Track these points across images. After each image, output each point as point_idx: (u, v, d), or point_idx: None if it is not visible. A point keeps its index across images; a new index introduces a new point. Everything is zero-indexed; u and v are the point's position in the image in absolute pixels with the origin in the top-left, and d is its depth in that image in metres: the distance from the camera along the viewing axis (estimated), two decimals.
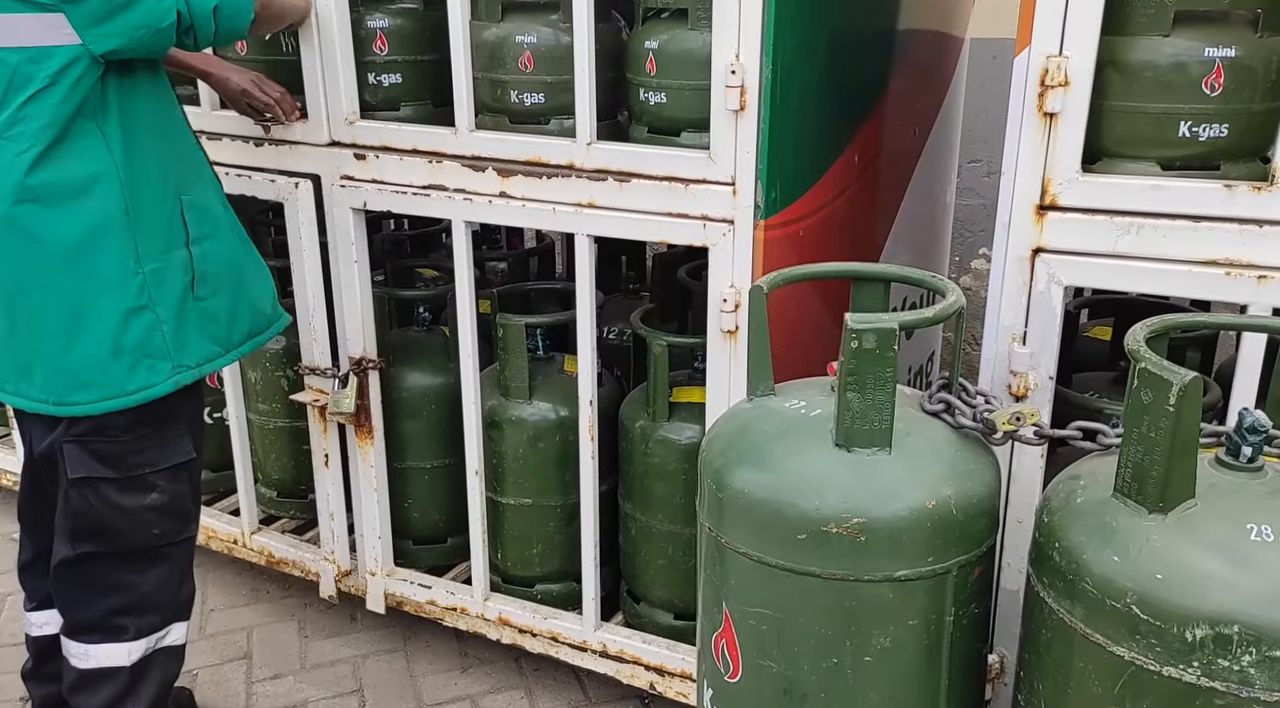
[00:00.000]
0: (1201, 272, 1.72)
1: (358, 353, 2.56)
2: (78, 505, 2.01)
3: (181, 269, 1.97)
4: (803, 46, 2.08)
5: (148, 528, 2.07)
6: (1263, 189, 1.65)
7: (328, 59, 2.38)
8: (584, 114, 2.16)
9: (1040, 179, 1.81)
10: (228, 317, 2.07)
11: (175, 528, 2.11)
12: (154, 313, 1.93)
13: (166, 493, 2.06)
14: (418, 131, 2.38)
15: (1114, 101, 1.77)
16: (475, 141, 2.31)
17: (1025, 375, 1.90)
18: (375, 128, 2.42)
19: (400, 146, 2.40)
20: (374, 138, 2.41)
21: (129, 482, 2.02)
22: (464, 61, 2.26)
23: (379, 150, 2.42)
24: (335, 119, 2.43)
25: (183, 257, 1.98)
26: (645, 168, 2.14)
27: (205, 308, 2.02)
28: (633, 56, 2.26)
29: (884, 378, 1.56)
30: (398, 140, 2.39)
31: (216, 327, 2.05)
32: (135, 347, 1.92)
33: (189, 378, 2.00)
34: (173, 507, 2.09)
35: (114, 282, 1.89)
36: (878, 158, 2.60)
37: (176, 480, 2.08)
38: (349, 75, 2.40)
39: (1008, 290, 1.89)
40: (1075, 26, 1.71)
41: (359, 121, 2.43)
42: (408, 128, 2.40)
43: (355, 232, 2.47)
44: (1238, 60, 1.69)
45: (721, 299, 2.15)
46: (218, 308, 2.04)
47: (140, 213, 1.91)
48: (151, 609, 2.13)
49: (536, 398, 2.57)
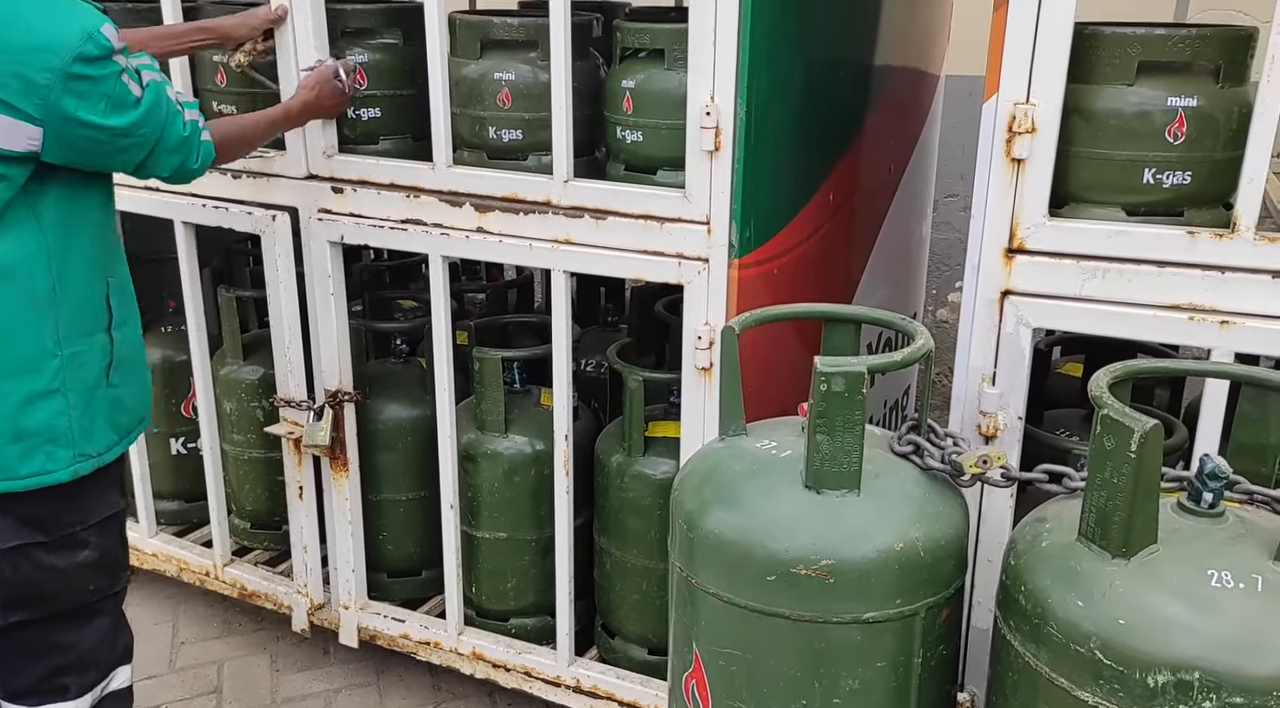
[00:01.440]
0: (1166, 316, 1.75)
1: (333, 385, 2.56)
2: (9, 575, 1.89)
3: (100, 353, 1.90)
4: (777, 88, 2.11)
5: (83, 585, 1.98)
6: (1224, 236, 1.68)
7: None
8: (561, 151, 2.18)
9: (1009, 223, 1.84)
10: (132, 403, 1.99)
11: (108, 581, 2.03)
12: (65, 398, 1.85)
13: (98, 549, 1.97)
14: (395, 166, 2.39)
15: (1080, 148, 1.80)
16: (453, 177, 2.32)
17: (995, 416, 1.92)
18: (353, 162, 2.43)
19: (378, 181, 2.41)
20: (352, 172, 2.42)
21: (60, 542, 1.91)
22: (442, 97, 2.27)
23: (357, 184, 2.43)
24: (313, 152, 2.44)
25: (103, 341, 1.90)
26: (621, 206, 2.16)
27: (115, 395, 1.93)
28: (610, 95, 2.28)
29: (853, 420, 1.58)
30: (375, 174, 2.40)
31: (121, 414, 1.96)
32: (37, 431, 1.82)
33: (87, 468, 1.89)
34: (105, 561, 2.00)
35: (28, 363, 1.81)
36: (853, 195, 2.63)
37: (106, 534, 2.00)
38: None
39: (977, 332, 1.91)
40: (1042, 75, 1.74)
41: (337, 155, 2.44)
42: (385, 162, 2.41)
43: (332, 265, 2.48)
44: (1200, 110, 1.72)
45: (696, 336, 2.16)
46: (126, 395, 1.96)
47: (67, 294, 1.84)
48: (91, 666, 2.04)
49: (513, 431, 2.57)
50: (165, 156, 1.90)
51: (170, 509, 3.15)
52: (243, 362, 2.89)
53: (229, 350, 2.91)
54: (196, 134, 1.96)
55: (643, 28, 2.19)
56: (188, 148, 1.94)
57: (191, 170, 1.98)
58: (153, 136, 1.86)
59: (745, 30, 1.95)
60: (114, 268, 1.96)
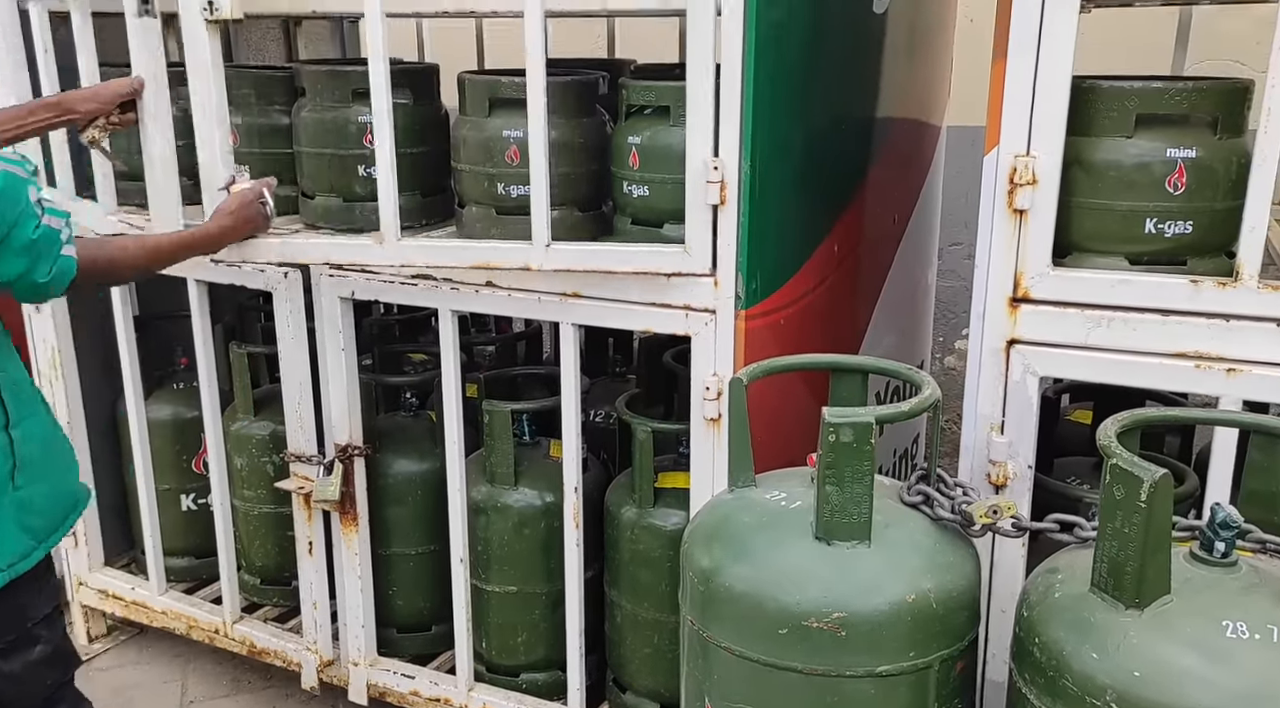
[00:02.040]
0: (1172, 364, 1.75)
1: (343, 440, 2.57)
2: None
3: (2, 456, 1.76)
4: (780, 142, 2.14)
5: (39, 682, 1.88)
6: (1228, 285, 1.69)
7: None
8: (540, 214, 2.13)
9: (1013, 272, 1.85)
10: (46, 505, 1.85)
11: (62, 671, 1.94)
12: None
13: (50, 642, 1.88)
14: (341, 244, 2.37)
15: (1082, 198, 1.82)
16: (404, 251, 2.26)
17: (1004, 465, 1.92)
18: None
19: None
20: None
21: (13, 644, 1.81)
22: (389, 170, 2.22)
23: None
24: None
25: (2, 442, 1.76)
26: (615, 265, 2.13)
27: (23, 498, 1.79)
28: (616, 150, 2.32)
29: (862, 471, 1.58)
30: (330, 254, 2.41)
31: (33, 517, 1.82)
32: None
33: (2, 580, 1.75)
34: (58, 652, 1.91)
35: None
36: (858, 245, 2.65)
37: (54, 625, 1.90)
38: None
39: (984, 380, 1.92)
40: (1041, 128, 1.77)
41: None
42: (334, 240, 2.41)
43: (343, 320, 2.50)
44: (1199, 161, 1.74)
45: (704, 387, 2.17)
46: (36, 495, 1.82)
47: None
48: None
49: (522, 484, 2.57)
50: (9, 258, 1.71)
51: (180, 566, 3.14)
52: (254, 417, 2.91)
53: (240, 406, 2.93)
54: (54, 245, 1.75)
55: (648, 85, 2.23)
56: (35, 254, 1.72)
57: (37, 283, 1.75)
58: (42, 261, 1.71)
59: (749, 86, 1.99)
60: (2, 360, 1.82)
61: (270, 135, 2.67)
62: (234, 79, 2.53)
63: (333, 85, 2.49)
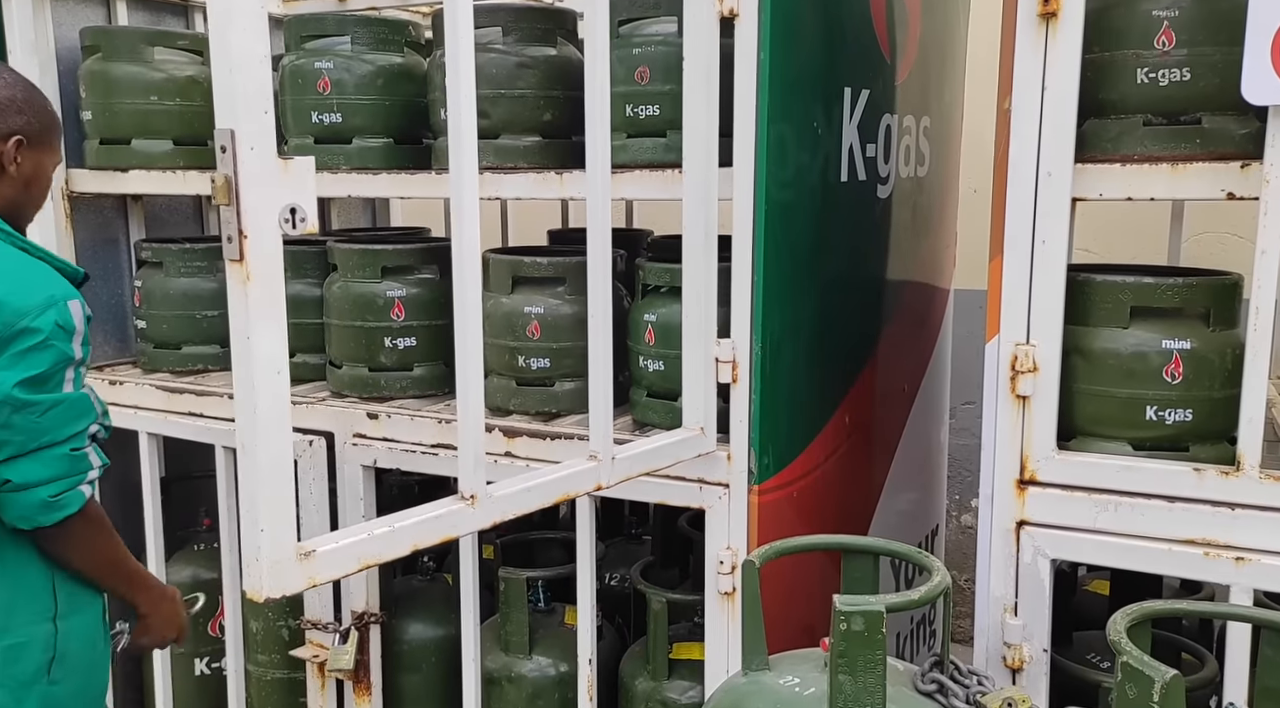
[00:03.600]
0: (1181, 551, 1.77)
1: (360, 607, 2.58)
2: None
3: (42, 646, 1.73)
4: (790, 322, 2.23)
5: None
6: (1230, 474, 1.73)
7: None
8: (601, 430, 1.98)
9: (1019, 455, 1.89)
10: (77, 704, 1.80)
11: None
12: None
13: None
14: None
15: (1083, 385, 1.88)
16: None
17: (1019, 647, 1.91)
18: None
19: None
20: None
21: None
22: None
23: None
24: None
25: (46, 632, 1.73)
26: (662, 463, 2.10)
27: (53, 694, 1.74)
28: (634, 326, 2.41)
29: (874, 660, 1.59)
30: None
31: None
32: None
33: None
34: None
35: None
36: (870, 414, 2.71)
37: None
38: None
39: (995, 561, 1.93)
40: (1039, 318, 1.84)
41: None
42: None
43: (364, 488, 2.55)
44: (1194, 351, 1.80)
45: (718, 561, 2.19)
46: (66, 693, 1.77)
47: (6, 581, 1.70)
48: None
49: (537, 652, 2.56)
50: (35, 465, 1.66)
51: None
52: None
53: None
54: (79, 476, 1.72)
55: (664, 267, 2.34)
56: (57, 471, 1.68)
57: (40, 500, 1.66)
58: (43, 436, 1.66)
59: (759, 265, 2.09)
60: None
61: (301, 306, 2.78)
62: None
63: (363, 262, 2.62)
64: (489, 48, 2.44)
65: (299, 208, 1.39)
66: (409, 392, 2.64)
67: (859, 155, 2.44)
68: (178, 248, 2.93)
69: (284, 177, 1.36)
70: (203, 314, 2.89)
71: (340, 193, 2.70)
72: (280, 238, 1.37)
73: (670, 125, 2.20)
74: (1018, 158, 1.81)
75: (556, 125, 2.48)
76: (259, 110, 1.31)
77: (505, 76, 2.44)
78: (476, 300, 1.66)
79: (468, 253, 1.62)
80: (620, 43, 2.31)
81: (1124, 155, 1.81)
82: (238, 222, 1.32)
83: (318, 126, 2.61)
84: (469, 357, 1.66)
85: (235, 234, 1.34)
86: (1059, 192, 1.79)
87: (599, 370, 1.92)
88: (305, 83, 2.59)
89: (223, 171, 1.32)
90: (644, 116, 2.30)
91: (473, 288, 1.64)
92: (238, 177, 1.31)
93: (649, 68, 2.28)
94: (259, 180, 1.32)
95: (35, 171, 1.78)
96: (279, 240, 1.37)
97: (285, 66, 2.64)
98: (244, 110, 1.30)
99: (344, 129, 2.61)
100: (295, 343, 2.72)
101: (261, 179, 1.32)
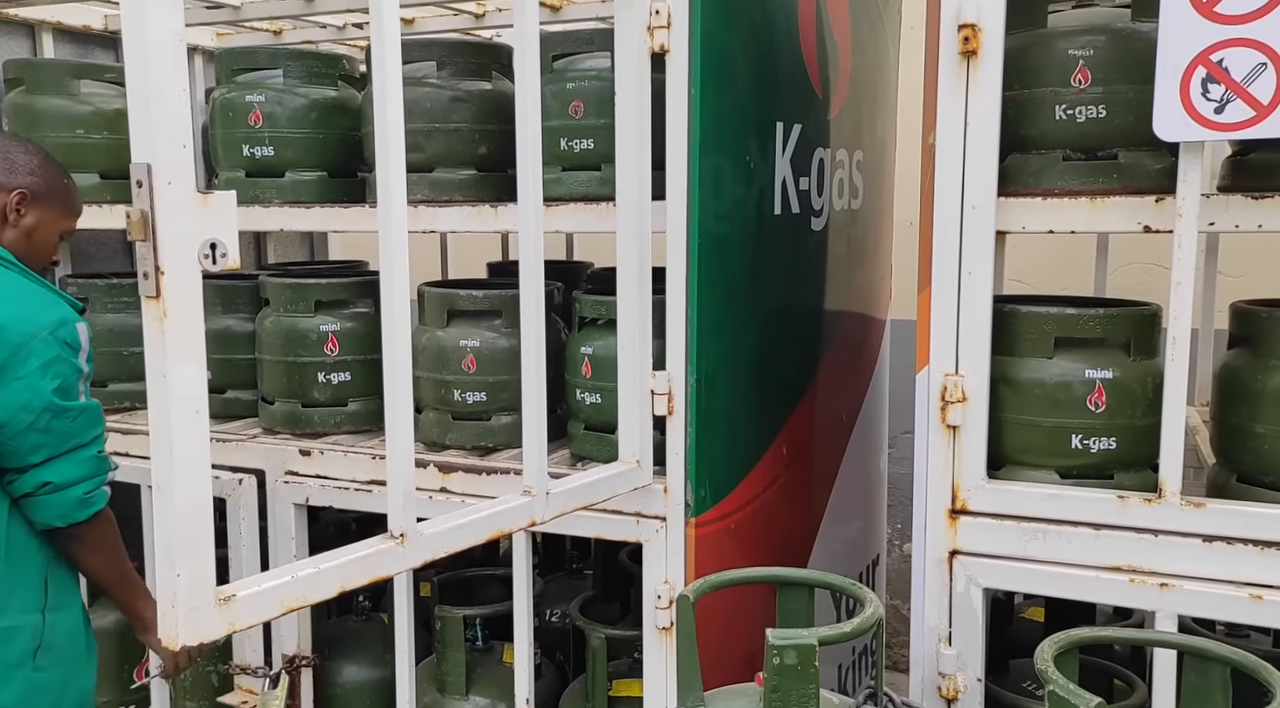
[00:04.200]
0: (1109, 578, 1.79)
1: (291, 650, 2.51)
2: None
3: (30, 634, 1.88)
4: (726, 354, 2.24)
5: None
6: (1153, 501, 1.76)
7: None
8: (535, 464, 2.18)
9: (950, 485, 1.91)
10: (55, 695, 1.93)
11: None
12: None
13: None
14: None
15: (1011, 414, 1.91)
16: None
17: (954, 677, 1.92)
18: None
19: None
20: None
21: None
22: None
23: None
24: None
25: (35, 621, 1.89)
26: (598, 497, 2.09)
27: (38, 680, 1.89)
28: (570, 359, 2.40)
29: (807, 694, 1.58)
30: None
31: (43, 700, 1.90)
32: None
33: None
34: None
35: None
36: (809, 444, 2.72)
37: None
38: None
39: (929, 591, 1.94)
40: (967, 348, 1.87)
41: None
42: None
43: (296, 526, 2.50)
44: (1117, 381, 1.84)
45: (656, 595, 2.18)
46: (50, 681, 1.91)
47: (7, 571, 1.85)
48: None
49: (474, 692, 2.52)
50: (70, 465, 1.86)
51: None
52: None
53: None
54: (104, 475, 1.92)
55: (599, 300, 2.34)
56: (88, 470, 1.88)
57: (77, 498, 1.87)
58: (75, 438, 1.86)
59: (693, 299, 2.10)
60: (55, 551, 1.94)
61: (233, 342, 2.73)
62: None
63: (296, 296, 2.58)
64: (423, 82, 2.44)
65: (219, 243, 1.36)
66: (343, 427, 2.60)
67: (792, 188, 2.47)
68: (104, 283, 2.87)
69: (203, 211, 1.33)
70: (129, 351, 2.82)
71: (272, 226, 2.66)
72: (199, 274, 1.34)
73: (605, 159, 2.20)
74: (943, 192, 1.84)
75: (492, 159, 2.47)
76: (177, 144, 1.29)
77: (439, 110, 2.44)
78: (405, 334, 1.63)
79: (397, 285, 1.60)
80: (554, 77, 2.32)
81: (1045, 189, 1.85)
82: (154, 257, 1.29)
83: (249, 160, 2.58)
84: (398, 392, 1.63)
85: (152, 270, 1.30)
86: (983, 224, 1.83)
87: (532, 404, 1.91)
88: (236, 116, 2.57)
89: (139, 206, 1.29)
90: (578, 150, 2.31)
91: (401, 321, 1.62)
92: (154, 211, 1.28)
93: (583, 102, 2.29)
94: (176, 215, 1.29)
95: (36, 225, 1.99)
96: (198, 277, 1.34)
97: (216, 99, 2.61)
98: (161, 144, 1.27)
99: (276, 162, 2.58)
100: (227, 379, 2.74)
101: (179, 214, 1.30)
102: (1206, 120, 1.61)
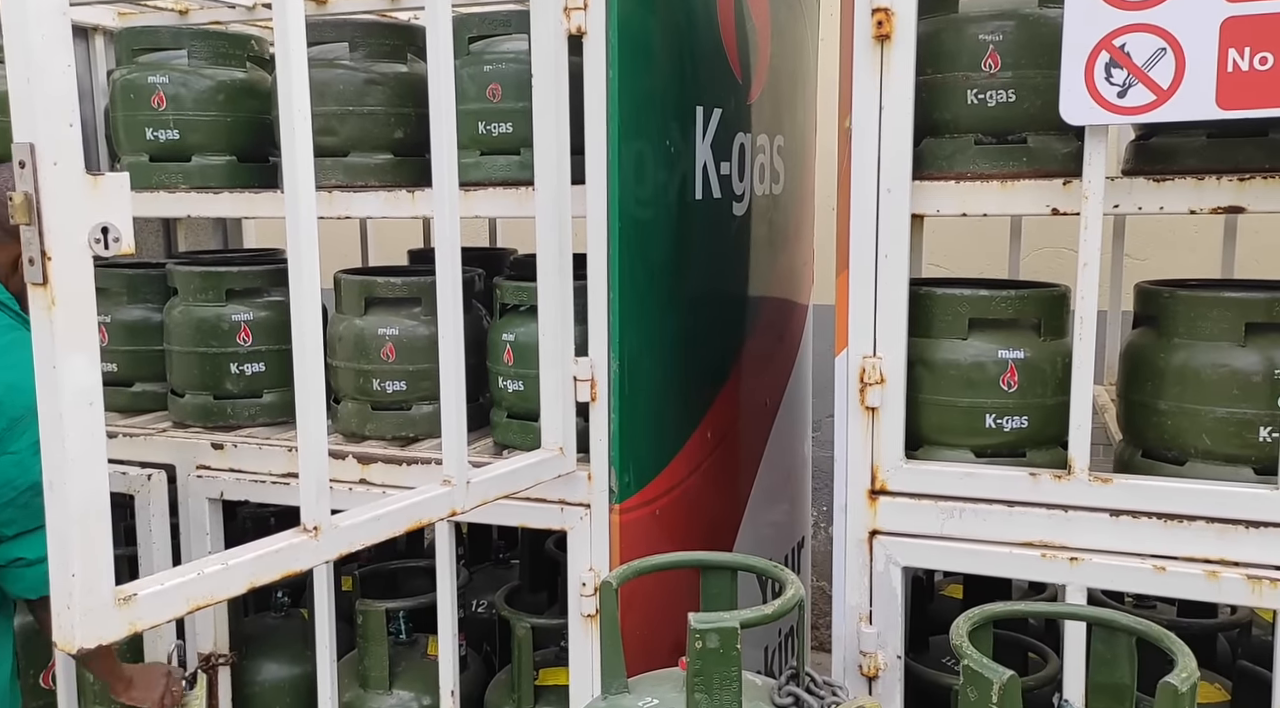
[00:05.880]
0: (1021, 553, 1.83)
1: (207, 648, 2.45)
2: None
3: None
4: (648, 340, 2.23)
5: None
6: (1063, 477, 1.80)
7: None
8: (455, 454, 2.07)
9: (869, 466, 1.93)
10: None
11: None
12: None
13: None
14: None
15: (927, 395, 1.93)
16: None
17: (875, 655, 1.95)
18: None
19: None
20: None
21: None
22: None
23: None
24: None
25: None
26: (523, 486, 2.07)
27: None
28: (492, 346, 2.37)
29: (730, 677, 1.58)
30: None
31: None
32: None
33: None
34: None
35: None
36: (733, 428, 2.73)
37: None
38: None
39: (850, 571, 1.96)
40: (885, 330, 1.89)
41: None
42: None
43: (210, 522, 2.43)
44: (1028, 361, 1.88)
45: (581, 583, 2.16)
46: None
47: None
48: None
49: (398, 687, 2.48)
50: (41, 541, 1.58)
51: None
52: None
53: None
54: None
55: (521, 286, 2.31)
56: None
57: (47, 572, 1.47)
58: (43, 514, 1.72)
59: (614, 284, 2.08)
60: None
61: (141, 332, 2.64)
62: (100, 276, 2.52)
63: (206, 285, 2.50)
64: (336, 63, 2.38)
65: (112, 227, 1.30)
66: (258, 419, 2.53)
67: (713, 173, 2.47)
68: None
69: (94, 193, 1.28)
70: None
71: (179, 213, 2.57)
72: (90, 260, 1.28)
73: (524, 143, 2.17)
74: (859, 175, 1.85)
75: (409, 143, 2.42)
76: (62, 122, 1.23)
77: (353, 93, 2.38)
78: (316, 321, 1.59)
79: (306, 271, 1.55)
80: (471, 59, 2.28)
81: (958, 173, 1.88)
82: (40, 242, 1.23)
83: (153, 143, 2.48)
84: (309, 381, 1.59)
85: (38, 255, 1.24)
86: (899, 208, 1.85)
87: (451, 392, 1.88)
88: (138, 98, 2.47)
89: (22, 188, 1.23)
90: (496, 134, 2.27)
91: (311, 307, 1.57)
92: (39, 194, 1.23)
93: (500, 85, 2.26)
94: (63, 197, 1.24)
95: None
96: (89, 262, 1.28)
97: (116, 81, 2.51)
98: (44, 122, 1.21)
99: (182, 146, 2.49)
100: (134, 371, 2.65)
101: (66, 196, 1.24)
102: (1110, 104, 1.65)
